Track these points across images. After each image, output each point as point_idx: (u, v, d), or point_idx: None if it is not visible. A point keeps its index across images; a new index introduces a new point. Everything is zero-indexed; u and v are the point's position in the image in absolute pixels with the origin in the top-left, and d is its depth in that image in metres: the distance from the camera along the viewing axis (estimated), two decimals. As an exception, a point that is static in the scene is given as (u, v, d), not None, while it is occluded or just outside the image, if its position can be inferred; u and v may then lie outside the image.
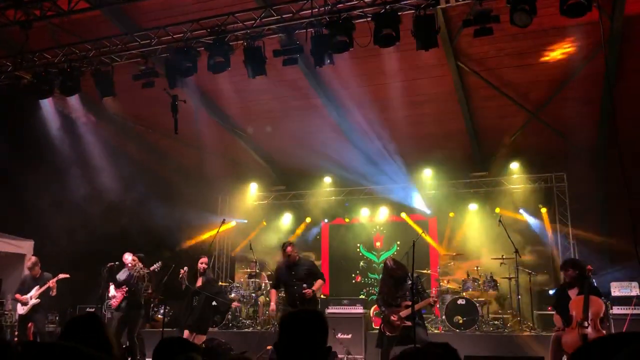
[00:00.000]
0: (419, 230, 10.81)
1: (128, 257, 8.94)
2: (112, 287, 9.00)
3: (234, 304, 11.34)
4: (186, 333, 8.16)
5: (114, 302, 8.92)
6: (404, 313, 6.98)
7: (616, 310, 8.76)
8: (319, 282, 7.82)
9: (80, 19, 8.59)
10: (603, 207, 11.55)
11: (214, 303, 8.95)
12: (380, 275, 8.21)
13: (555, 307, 6.98)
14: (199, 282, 8.58)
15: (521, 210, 12.24)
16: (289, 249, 7.84)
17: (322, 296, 12.37)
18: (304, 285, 7.62)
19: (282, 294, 8.77)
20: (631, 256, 5.35)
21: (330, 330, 2.49)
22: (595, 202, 11.69)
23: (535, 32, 8.44)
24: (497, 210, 12.06)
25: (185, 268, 8.56)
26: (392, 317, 7.05)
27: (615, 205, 10.93)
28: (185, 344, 2.87)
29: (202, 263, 8.70)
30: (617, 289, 8.98)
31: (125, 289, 8.72)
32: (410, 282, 7.03)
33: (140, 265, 8.84)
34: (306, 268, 7.86)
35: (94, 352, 1.82)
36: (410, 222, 13.23)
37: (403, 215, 13.42)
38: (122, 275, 8.89)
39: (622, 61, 9.22)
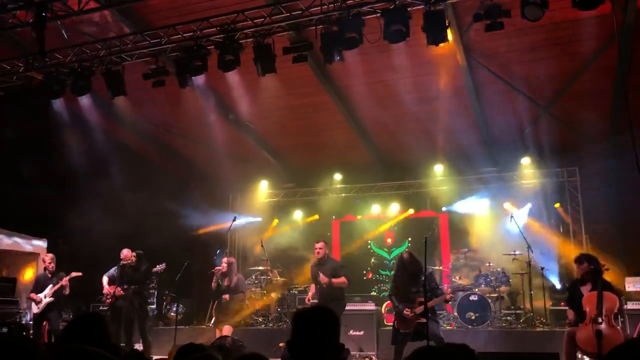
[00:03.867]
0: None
1: (124, 252, 9.19)
2: (105, 283, 9.15)
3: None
4: (225, 329, 8.44)
5: (108, 300, 9.07)
6: (419, 310, 6.96)
7: (630, 305, 8.69)
8: (342, 278, 8.26)
9: (91, 19, 8.63)
10: (616, 202, 11.43)
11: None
12: (393, 271, 8.26)
13: (569, 302, 6.94)
14: (227, 281, 8.82)
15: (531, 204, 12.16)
16: (316, 246, 8.55)
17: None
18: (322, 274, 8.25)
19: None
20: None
21: (342, 327, 2.49)
22: (608, 196, 11.57)
23: (546, 26, 8.37)
24: (506, 207, 12.01)
25: (219, 267, 8.88)
26: (405, 313, 7.03)
27: (629, 199, 10.82)
28: (202, 347, 2.95)
29: (224, 263, 8.93)
30: (632, 284, 8.91)
31: (126, 287, 8.91)
32: (423, 278, 7.01)
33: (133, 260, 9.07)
34: (331, 267, 8.38)
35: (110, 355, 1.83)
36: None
37: (411, 211, 13.40)
38: (114, 272, 9.13)
39: (635, 54, 9.13)
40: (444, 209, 13.12)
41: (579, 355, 7.11)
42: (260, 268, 12.31)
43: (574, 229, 11.81)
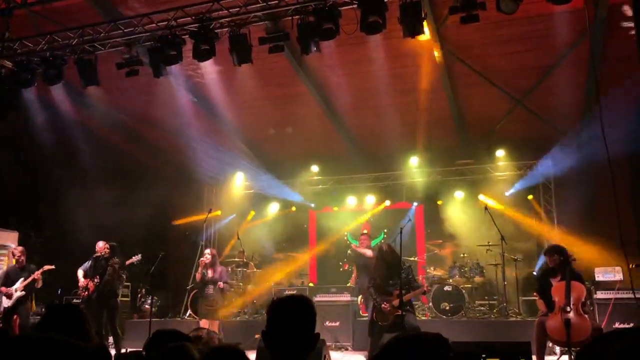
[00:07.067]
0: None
1: (99, 244, 9.05)
2: (80, 277, 8.98)
3: None
4: (203, 322, 8.60)
5: (84, 293, 8.89)
6: (397, 302, 7.02)
7: (600, 295, 8.87)
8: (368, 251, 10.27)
9: (62, 7, 8.45)
10: (588, 193, 11.63)
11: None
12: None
13: (539, 293, 7.07)
14: (210, 273, 9.00)
15: (507, 193, 12.33)
16: (361, 238, 10.53)
17: (310, 284, 12.44)
18: None
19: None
20: (616, 242, 5.41)
21: (318, 318, 2.47)
22: (580, 187, 11.77)
23: (521, 20, 8.45)
24: (481, 200, 12.15)
25: (203, 259, 9.04)
26: (383, 306, 7.08)
27: (600, 191, 11.01)
28: (178, 335, 2.85)
29: (207, 255, 9.11)
30: (601, 274, 9.09)
31: (96, 280, 8.76)
32: (401, 271, 7.08)
33: (106, 252, 8.94)
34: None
35: (81, 343, 1.80)
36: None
37: (387, 203, 13.49)
38: (87, 265, 8.98)
39: (607, 48, 9.27)
40: (418, 201, 13.22)
41: (549, 344, 7.25)
42: (237, 260, 12.25)
43: (546, 220, 11.99)
